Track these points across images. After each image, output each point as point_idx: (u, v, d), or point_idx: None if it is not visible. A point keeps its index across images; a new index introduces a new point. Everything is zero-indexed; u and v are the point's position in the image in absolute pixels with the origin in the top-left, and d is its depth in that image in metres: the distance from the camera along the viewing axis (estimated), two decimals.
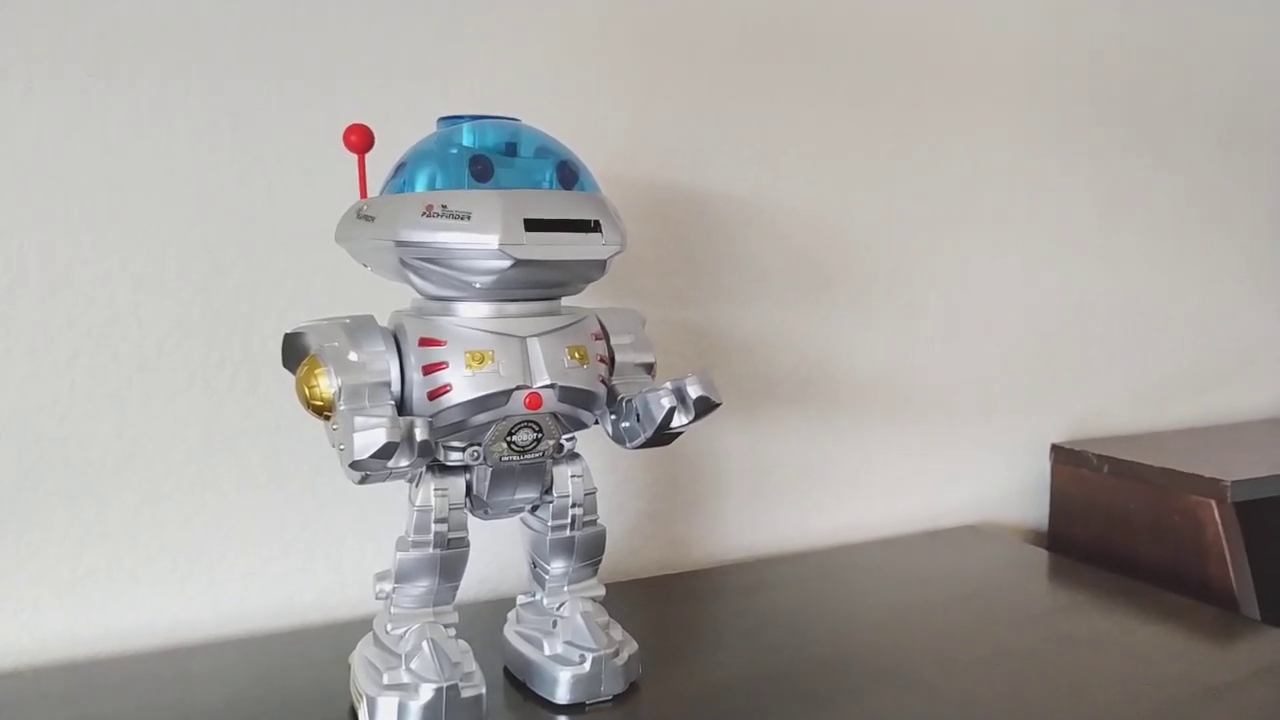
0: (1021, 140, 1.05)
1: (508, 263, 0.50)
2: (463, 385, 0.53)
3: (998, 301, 1.05)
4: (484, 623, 0.69)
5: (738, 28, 0.88)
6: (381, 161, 0.58)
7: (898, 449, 1.00)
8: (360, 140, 0.57)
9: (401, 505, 0.58)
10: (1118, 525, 0.97)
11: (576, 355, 0.55)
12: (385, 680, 0.55)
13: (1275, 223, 1.24)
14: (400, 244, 0.52)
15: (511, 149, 0.55)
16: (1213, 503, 0.87)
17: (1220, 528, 0.86)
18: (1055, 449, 1.05)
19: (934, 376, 1.01)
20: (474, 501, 0.58)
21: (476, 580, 0.79)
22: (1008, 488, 1.07)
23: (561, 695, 0.59)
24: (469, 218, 0.50)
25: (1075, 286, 1.10)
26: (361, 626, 0.64)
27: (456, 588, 0.59)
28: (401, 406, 0.54)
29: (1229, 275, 1.21)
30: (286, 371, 0.57)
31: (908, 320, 0.99)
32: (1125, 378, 1.15)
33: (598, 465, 0.61)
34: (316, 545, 0.76)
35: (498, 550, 0.80)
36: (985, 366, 1.05)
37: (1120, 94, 1.11)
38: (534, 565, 0.63)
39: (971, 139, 1.02)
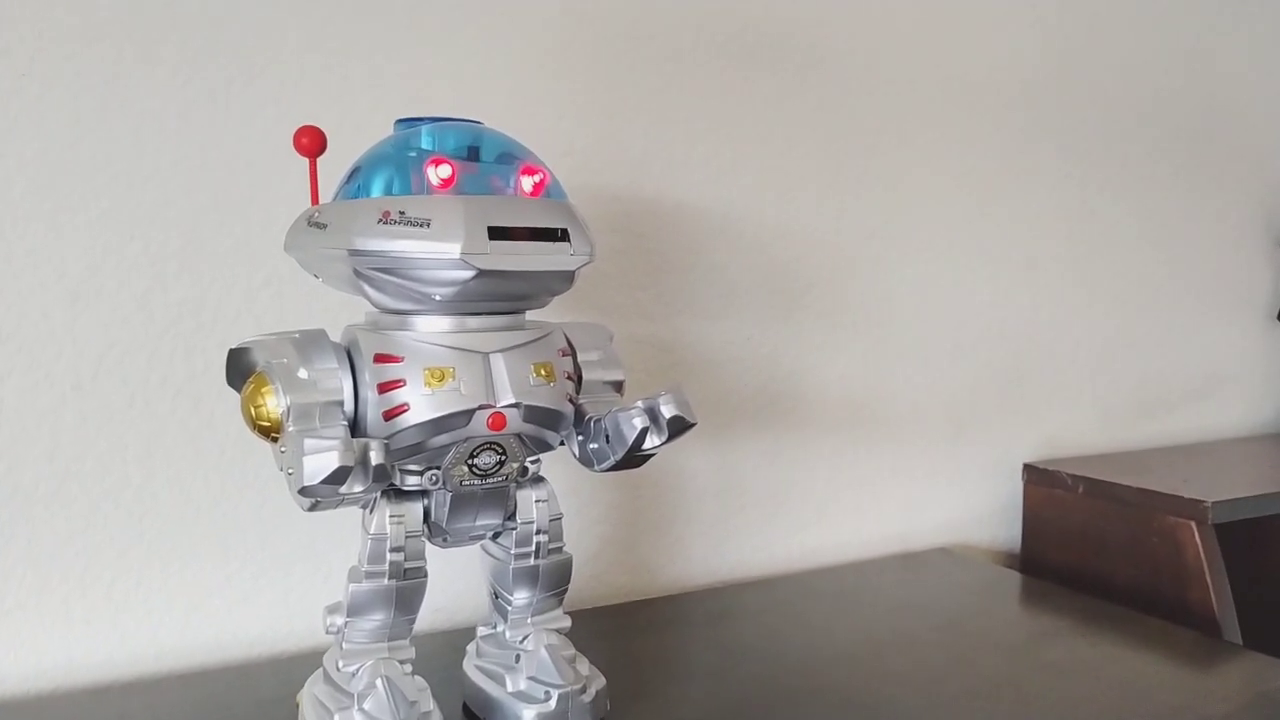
0: (991, 161, 1.04)
1: (470, 273, 0.47)
2: (421, 404, 0.50)
3: (967, 320, 1.04)
4: (440, 656, 0.66)
5: (707, 40, 0.86)
6: (335, 168, 0.55)
7: (867, 470, 0.98)
8: (312, 143, 0.54)
9: (354, 532, 0.55)
10: (1093, 547, 0.95)
11: (542, 373, 0.52)
12: None
13: (1239, 242, 1.25)
14: (354, 253, 0.49)
15: (473, 153, 0.52)
16: (1193, 524, 0.86)
17: (1201, 550, 0.84)
18: (1028, 469, 1.04)
19: (904, 395, 1.00)
20: (432, 528, 0.55)
21: (431, 610, 0.76)
22: (979, 509, 1.06)
23: None
24: (428, 225, 0.47)
25: (1044, 306, 1.09)
26: (310, 661, 0.61)
27: (413, 621, 0.55)
28: (355, 427, 0.51)
29: (1195, 294, 1.21)
30: (232, 392, 0.53)
31: (877, 338, 0.98)
32: (1095, 397, 1.14)
33: (558, 489, 0.59)
34: (262, 575, 0.73)
35: (453, 577, 0.77)
36: (955, 385, 1.03)
37: (1087, 117, 1.11)
38: (495, 595, 0.60)
39: (942, 160, 1.01)
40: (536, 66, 0.79)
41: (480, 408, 0.50)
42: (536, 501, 0.57)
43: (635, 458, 0.55)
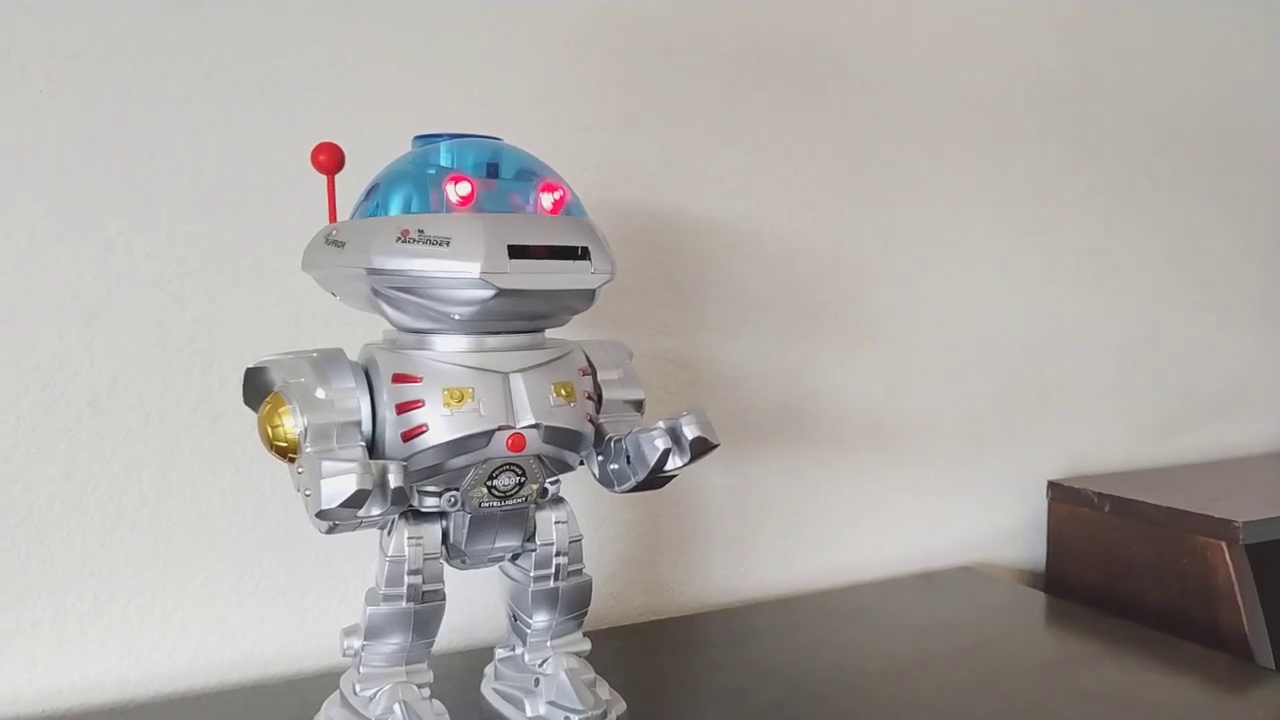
0: (1013, 174, 1.03)
1: (490, 292, 0.47)
2: (440, 425, 0.49)
3: (989, 335, 1.02)
4: (458, 676, 0.65)
5: (725, 53, 0.86)
6: (353, 185, 0.54)
7: (889, 487, 0.97)
8: (330, 160, 0.53)
9: (370, 551, 0.54)
10: (1120, 567, 0.94)
11: (563, 393, 0.51)
12: None
13: (1264, 255, 1.23)
14: (373, 272, 0.48)
15: (493, 170, 0.51)
16: (1223, 544, 0.84)
17: (1232, 571, 0.82)
18: (1052, 486, 1.02)
19: (925, 411, 0.98)
20: (450, 550, 0.55)
21: (449, 629, 0.74)
22: (1002, 527, 1.04)
23: None
24: (448, 243, 0.46)
25: (1067, 320, 1.08)
26: (326, 681, 0.60)
27: (431, 644, 0.55)
28: (372, 448, 0.50)
29: (1219, 309, 1.20)
30: (248, 410, 0.53)
31: (898, 354, 0.96)
32: (1118, 413, 1.12)
33: (575, 507, 0.58)
34: (278, 595, 0.72)
35: (472, 595, 0.76)
36: (977, 401, 1.02)
37: (1109, 130, 1.09)
38: (514, 618, 0.59)
39: (963, 171, 0.99)
40: (553, 81, 0.79)
41: (500, 429, 0.49)
42: (556, 523, 0.56)
43: (657, 479, 0.54)
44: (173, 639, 0.69)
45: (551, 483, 0.55)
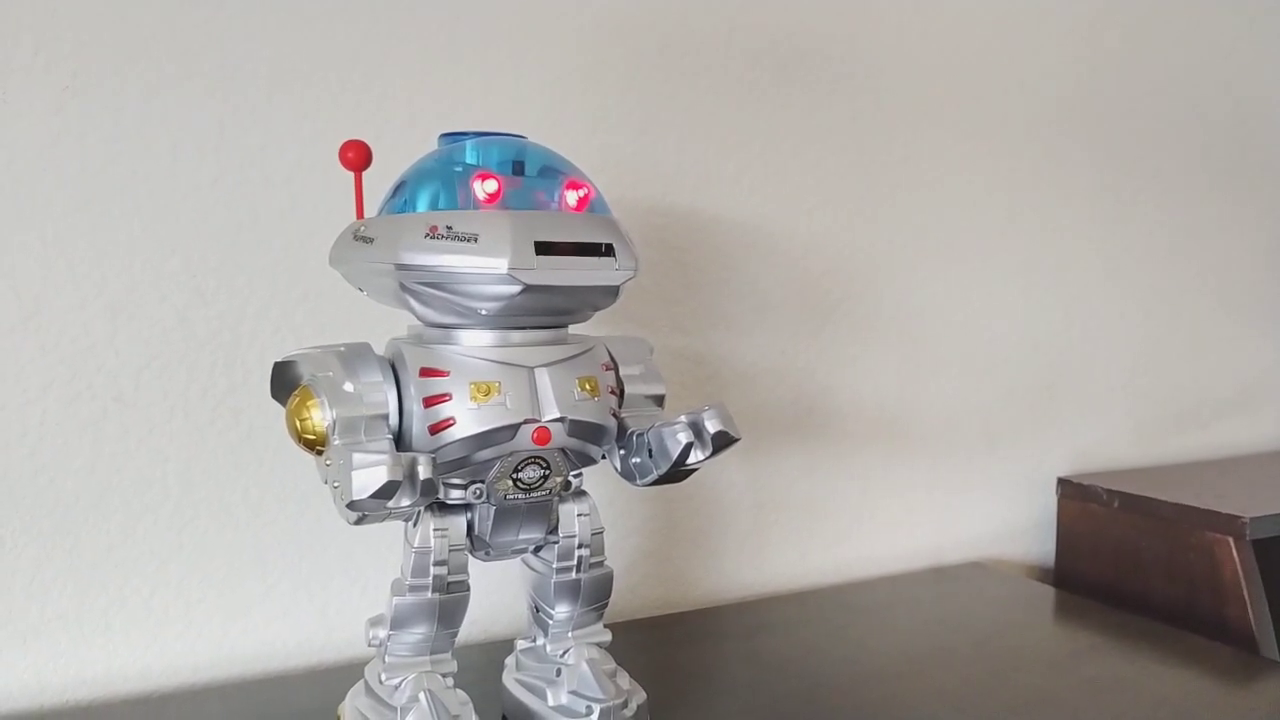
0: (1024, 173, 1.03)
1: (517, 288, 0.47)
2: (467, 419, 0.49)
3: (1000, 333, 1.03)
4: (477, 668, 0.66)
5: (740, 53, 0.86)
6: (375, 182, 0.55)
7: (901, 483, 0.98)
8: (358, 157, 0.54)
9: (390, 544, 0.55)
10: (1128, 562, 0.94)
11: (587, 387, 0.52)
12: None
13: (1274, 253, 1.23)
14: (401, 267, 0.49)
15: (518, 167, 0.52)
16: (1230, 540, 0.84)
17: (1238, 566, 0.83)
18: (1062, 483, 1.03)
19: (937, 409, 0.99)
20: (475, 542, 0.55)
21: (467, 621, 0.75)
22: (1012, 523, 1.05)
23: None
24: (476, 240, 0.47)
25: (1077, 318, 1.08)
26: (348, 672, 0.61)
27: (455, 635, 0.55)
28: (399, 441, 0.51)
29: (1229, 306, 1.20)
30: (272, 404, 0.54)
31: (910, 352, 0.97)
32: (1128, 410, 1.13)
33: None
34: (301, 587, 0.73)
35: (488, 589, 0.77)
36: (988, 398, 1.02)
37: (1120, 128, 1.10)
38: (536, 609, 0.60)
39: (974, 172, 1.00)
40: (570, 81, 0.79)
41: (526, 422, 0.50)
42: (578, 515, 0.57)
43: (679, 472, 0.55)
44: (196, 630, 0.70)
45: (574, 476, 0.56)
